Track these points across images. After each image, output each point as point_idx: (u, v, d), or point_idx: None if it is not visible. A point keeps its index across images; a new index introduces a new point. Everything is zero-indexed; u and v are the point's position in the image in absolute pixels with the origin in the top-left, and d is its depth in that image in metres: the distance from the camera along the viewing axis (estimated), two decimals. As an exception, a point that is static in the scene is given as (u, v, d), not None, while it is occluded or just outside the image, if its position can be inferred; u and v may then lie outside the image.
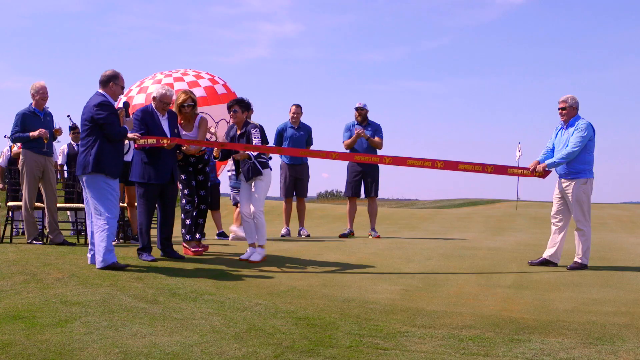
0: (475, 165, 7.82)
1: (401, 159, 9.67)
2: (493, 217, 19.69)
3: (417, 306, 5.45)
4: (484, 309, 5.40)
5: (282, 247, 9.27)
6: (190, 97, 8.12)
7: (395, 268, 7.56)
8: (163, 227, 7.83)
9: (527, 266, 7.85)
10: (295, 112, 11.46)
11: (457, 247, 9.70)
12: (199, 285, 6.11)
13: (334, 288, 6.21)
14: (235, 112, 7.87)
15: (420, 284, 6.52)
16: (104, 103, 6.84)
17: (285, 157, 11.52)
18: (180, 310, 5.05)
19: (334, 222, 17.51)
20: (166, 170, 7.57)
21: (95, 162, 6.75)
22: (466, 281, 6.76)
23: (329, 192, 59.85)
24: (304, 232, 11.54)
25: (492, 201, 33.45)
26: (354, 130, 11.23)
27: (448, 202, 37.24)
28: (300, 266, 7.58)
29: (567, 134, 7.70)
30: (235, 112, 7.87)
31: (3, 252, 7.74)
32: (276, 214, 19.54)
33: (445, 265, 7.81)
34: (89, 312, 4.85)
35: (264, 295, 5.77)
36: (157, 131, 7.54)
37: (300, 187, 11.61)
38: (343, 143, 11.41)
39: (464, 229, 15.58)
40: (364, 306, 5.41)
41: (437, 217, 20.00)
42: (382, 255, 8.58)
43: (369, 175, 11.41)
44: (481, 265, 7.90)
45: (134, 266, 7.04)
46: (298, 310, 5.20)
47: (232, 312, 5.05)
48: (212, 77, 10.88)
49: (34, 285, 5.78)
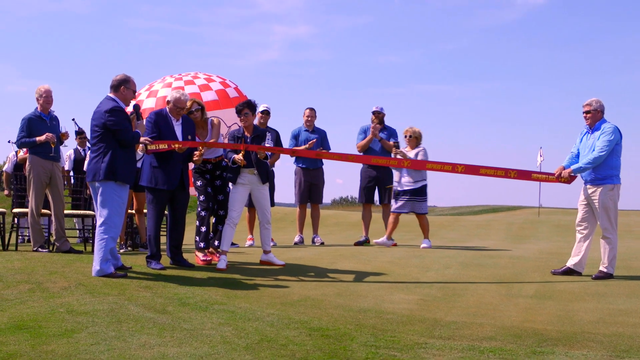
0: (498, 170, 7.79)
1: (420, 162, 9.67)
2: (514, 225, 19.58)
3: (436, 317, 5.43)
4: (505, 319, 5.37)
5: (296, 255, 9.27)
6: (196, 101, 8.17)
7: (413, 277, 7.53)
8: (173, 234, 7.85)
9: (550, 275, 7.80)
10: (309, 116, 11.47)
11: (476, 255, 9.66)
12: (209, 295, 6.12)
13: (349, 298, 6.20)
14: (246, 115, 7.91)
15: (439, 294, 6.49)
16: (115, 109, 6.89)
17: (299, 162, 11.53)
18: (190, 321, 5.05)
19: (348, 230, 17.48)
20: (175, 176, 7.59)
21: (107, 169, 6.81)
22: (486, 291, 6.72)
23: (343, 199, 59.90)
24: (318, 239, 11.54)
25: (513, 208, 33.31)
26: (369, 132, 11.22)
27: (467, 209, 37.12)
28: (314, 275, 7.57)
29: (593, 138, 7.65)
30: (247, 115, 7.91)
31: (8, 259, 7.79)
32: (289, 221, 19.56)
33: (465, 274, 7.78)
34: (96, 322, 4.87)
35: (277, 305, 5.76)
36: (169, 136, 7.56)
37: (315, 192, 11.60)
38: (357, 145, 11.39)
39: (484, 236, 15.50)
40: (380, 316, 5.39)
41: (456, 224, 19.91)
42: (398, 263, 8.56)
43: (382, 181, 11.39)
44: (502, 274, 7.85)
45: (143, 275, 7.07)
46: (312, 320, 5.19)
47: (243, 323, 5.04)
48: (223, 80, 10.91)
49: (39, 294, 5.81)
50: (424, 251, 10.08)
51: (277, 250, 9.20)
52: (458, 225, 19.35)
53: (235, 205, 7.96)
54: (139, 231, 9.87)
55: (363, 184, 11.53)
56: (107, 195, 6.88)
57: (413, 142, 10.84)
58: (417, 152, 10.69)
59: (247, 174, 7.96)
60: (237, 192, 7.99)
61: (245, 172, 7.96)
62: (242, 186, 7.98)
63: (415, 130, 10.88)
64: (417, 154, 10.65)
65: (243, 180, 7.97)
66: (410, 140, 10.85)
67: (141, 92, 10.66)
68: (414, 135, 10.83)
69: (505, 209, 33.36)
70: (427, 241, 10.84)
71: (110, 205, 6.88)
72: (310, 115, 11.48)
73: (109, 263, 6.87)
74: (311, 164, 11.47)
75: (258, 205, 8.16)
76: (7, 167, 12.86)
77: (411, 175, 10.60)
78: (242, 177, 7.97)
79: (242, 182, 7.98)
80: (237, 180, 7.98)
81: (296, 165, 11.63)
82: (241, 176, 7.96)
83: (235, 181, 8.01)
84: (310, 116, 11.47)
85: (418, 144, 10.87)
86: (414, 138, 10.83)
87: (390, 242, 11.10)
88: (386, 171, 11.40)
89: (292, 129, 11.63)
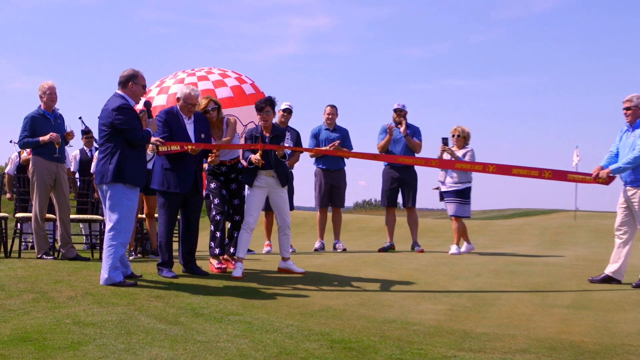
0: (531, 169, 7.75)
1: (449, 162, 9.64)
2: (549, 229, 19.48)
3: (465, 328, 5.41)
4: (539, 331, 5.34)
5: (316, 262, 9.27)
6: (212, 100, 8.18)
7: (441, 286, 7.51)
8: (186, 240, 7.86)
9: (587, 284, 7.75)
10: (330, 113, 11.47)
11: (508, 262, 9.61)
12: (224, 305, 6.13)
13: (373, 308, 6.20)
14: (268, 113, 7.92)
15: (469, 304, 6.47)
16: (123, 106, 6.92)
17: (319, 163, 11.53)
18: (204, 332, 5.06)
19: (372, 235, 17.47)
20: (188, 179, 7.61)
21: (115, 171, 6.84)
22: (519, 300, 6.69)
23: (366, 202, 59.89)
24: (340, 245, 11.53)
25: (547, 211, 33.14)
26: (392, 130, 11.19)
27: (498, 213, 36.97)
28: (336, 284, 7.57)
29: (634, 136, 7.59)
30: (269, 113, 7.92)
31: (11, 267, 7.84)
32: (309, 226, 19.58)
33: (496, 283, 7.74)
34: (104, 334, 4.89)
35: (296, 316, 5.77)
36: (181, 135, 7.57)
37: (336, 195, 11.59)
38: (377, 146, 11.38)
39: (516, 242, 15.43)
40: (406, 328, 5.38)
41: (486, 229, 19.83)
42: (425, 271, 8.53)
43: (406, 183, 11.37)
44: (536, 282, 7.81)
45: (153, 283, 7.10)
46: (333, 332, 5.19)
47: (260, 334, 5.05)
48: (239, 75, 10.93)
49: (44, 305, 5.85)
50: (453, 258, 10.05)
51: (297, 257, 9.20)
52: (488, 230, 19.27)
53: (252, 209, 7.97)
54: (150, 237, 9.90)
55: (385, 186, 11.50)
56: (116, 199, 6.92)
57: (461, 141, 10.81)
58: (465, 152, 10.67)
59: (265, 176, 7.96)
60: (254, 195, 7.99)
61: (262, 174, 7.95)
62: (259, 189, 7.98)
63: (464, 130, 10.85)
64: (465, 155, 10.62)
65: (260, 182, 7.97)
66: (458, 140, 10.81)
67: (152, 88, 10.71)
68: (462, 135, 10.80)
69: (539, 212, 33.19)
70: (456, 247, 10.78)
71: (120, 209, 6.91)
72: (331, 113, 11.48)
73: (118, 271, 6.90)
74: (332, 164, 11.46)
75: (277, 210, 8.16)
76: (9, 169, 12.93)
77: (457, 176, 10.58)
78: (260, 180, 7.96)
79: (260, 184, 7.97)
80: (254, 183, 7.99)
81: (316, 166, 11.62)
82: (258, 178, 7.96)
83: (252, 184, 8.01)
84: (331, 114, 11.47)
85: (466, 144, 10.85)
86: (462, 138, 10.81)
87: (471, 247, 11.03)
88: (410, 172, 11.37)
89: (312, 128, 11.65)
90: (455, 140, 10.83)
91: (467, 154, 10.65)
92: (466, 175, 10.58)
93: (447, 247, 11.12)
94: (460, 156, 10.59)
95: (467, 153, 10.66)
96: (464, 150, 10.72)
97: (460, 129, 10.84)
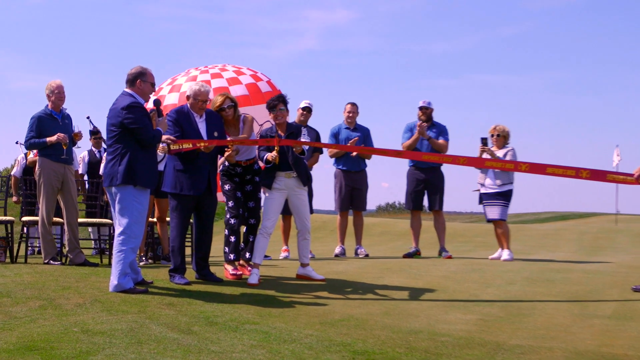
0: (567, 169, 7.69)
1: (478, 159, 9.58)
2: (587, 234, 19.35)
3: (498, 339, 5.38)
4: (578, 343, 5.30)
5: (337, 268, 9.27)
6: (228, 97, 8.20)
7: (471, 294, 7.48)
8: (199, 245, 7.89)
9: (630, 292, 7.67)
10: (350, 112, 11.47)
11: (544, 269, 9.55)
12: (240, 313, 6.14)
13: (398, 317, 6.18)
14: (281, 110, 7.93)
15: (501, 313, 6.43)
16: (133, 105, 6.96)
17: (339, 164, 11.52)
18: (218, 342, 5.07)
19: (396, 240, 17.44)
20: (202, 180, 7.63)
21: (126, 172, 6.87)
22: (556, 310, 6.64)
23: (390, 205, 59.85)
24: (362, 251, 11.52)
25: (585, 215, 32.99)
26: (415, 130, 11.17)
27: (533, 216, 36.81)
28: (358, 291, 7.56)
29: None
30: (282, 110, 7.94)
31: (17, 273, 7.91)
32: (329, 231, 19.60)
33: (531, 291, 7.70)
34: (114, 343, 4.91)
35: (316, 325, 5.76)
36: (193, 134, 7.61)
37: (357, 198, 11.58)
38: (402, 145, 11.34)
39: (553, 247, 15.34)
40: (434, 339, 5.36)
41: (520, 233, 19.70)
42: (454, 278, 8.50)
43: (432, 184, 11.32)
44: (574, 291, 7.76)
45: (165, 290, 7.12)
46: (355, 342, 5.17)
47: (278, 345, 5.05)
48: (254, 73, 10.97)
49: (51, 312, 5.89)
50: (484, 264, 10.00)
51: (316, 263, 9.20)
52: (522, 235, 19.15)
53: (270, 213, 7.97)
54: (161, 242, 9.93)
55: (410, 188, 11.45)
56: (126, 202, 6.95)
57: (500, 141, 10.83)
58: (506, 152, 10.67)
59: (284, 177, 7.97)
60: (273, 198, 7.99)
61: (282, 176, 7.95)
62: (278, 192, 7.98)
63: (504, 129, 10.86)
64: (506, 155, 10.61)
65: (279, 185, 7.97)
66: (498, 140, 10.82)
67: (163, 86, 10.77)
68: (502, 134, 10.83)
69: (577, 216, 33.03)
70: (509, 252, 10.73)
71: (130, 213, 6.94)
72: (352, 111, 11.47)
73: (128, 277, 6.93)
74: (353, 166, 11.45)
75: (296, 213, 8.16)
76: (16, 171, 13.06)
77: (498, 177, 10.55)
78: (279, 182, 7.96)
79: (279, 187, 7.98)
80: (272, 185, 7.98)
81: (336, 167, 11.62)
82: (277, 180, 7.96)
83: (271, 186, 8.00)
84: (351, 112, 11.47)
85: (506, 143, 10.87)
86: (502, 137, 10.83)
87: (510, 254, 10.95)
88: (437, 173, 11.32)
89: (332, 127, 11.65)
90: (494, 140, 10.85)
91: (507, 153, 10.65)
92: (508, 175, 10.57)
93: (478, 252, 11.07)
94: (501, 156, 10.58)
95: (507, 153, 10.66)
96: (504, 150, 10.72)
97: (500, 128, 10.84)
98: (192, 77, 10.64)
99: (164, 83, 10.96)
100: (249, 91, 10.50)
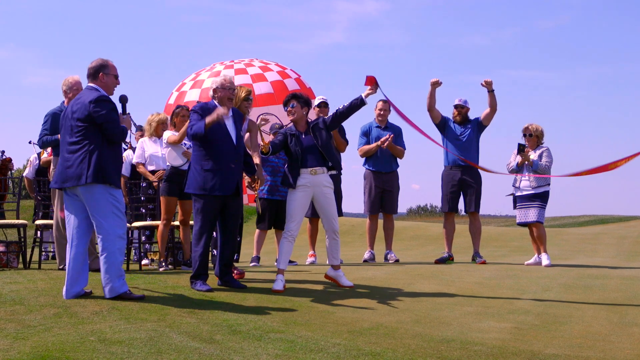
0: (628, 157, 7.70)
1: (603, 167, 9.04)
2: (627, 238, 19.20)
3: (533, 349, 5.35)
4: (617, 352, 5.26)
5: (366, 274, 9.25)
6: (248, 90, 8.31)
7: (505, 301, 7.44)
8: (224, 250, 7.85)
9: (673, 300, 7.60)
10: (382, 109, 11.43)
11: (582, 275, 9.48)
12: (264, 321, 6.14)
13: (429, 325, 6.16)
14: (293, 106, 7.88)
15: (537, 322, 6.40)
16: (102, 98, 6.83)
17: (368, 164, 11.48)
18: (241, 351, 5.07)
19: (428, 245, 17.38)
20: (232, 179, 7.59)
21: (96, 171, 6.68)
22: (594, 318, 6.60)
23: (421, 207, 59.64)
24: (392, 256, 11.48)
25: (625, 218, 32.64)
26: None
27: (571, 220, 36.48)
28: (388, 298, 7.53)
29: None
30: (294, 106, 7.88)
31: (30, 279, 7.96)
32: (358, 234, 19.59)
33: (568, 298, 7.65)
34: (133, 353, 4.92)
35: (343, 334, 5.75)
36: (220, 133, 7.56)
37: (388, 201, 11.53)
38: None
39: (591, 252, 15.23)
40: (467, 348, 5.33)
41: (557, 237, 19.59)
42: (488, 285, 8.46)
43: (469, 185, 11.23)
44: (613, 298, 7.69)
45: (186, 297, 7.13)
46: (385, 352, 5.16)
47: (304, 354, 5.04)
48: (282, 69, 10.93)
49: (67, 320, 5.91)
50: (519, 270, 9.94)
51: (344, 269, 9.16)
52: (559, 240, 19.04)
53: (293, 213, 7.86)
54: (183, 246, 9.84)
55: (446, 189, 11.36)
56: (101, 202, 6.76)
57: (534, 140, 10.82)
58: (541, 152, 10.64)
59: (309, 174, 7.87)
60: (296, 198, 7.86)
61: (305, 173, 7.85)
62: (302, 190, 7.87)
63: (537, 128, 10.83)
64: (541, 155, 10.56)
65: (303, 182, 7.88)
66: (531, 139, 10.79)
67: (186, 82, 10.81)
68: (535, 134, 10.79)
69: (616, 219, 32.68)
70: (547, 256, 10.66)
71: (108, 212, 6.77)
72: (383, 109, 11.43)
73: (123, 280, 6.83)
74: (383, 166, 11.41)
75: (323, 213, 8.07)
76: (28, 172, 12.85)
77: (534, 179, 10.50)
78: (302, 179, 7.85)
79: (302, 184, 7.88)
80: (296, 183, 7.86)
81: (365, 168, 11.58)
82: (300, 178, 7.85)
83: (294, 185, 7.88)
84: (383, 110, 11.43)
85: (540, 143, 10.84)
86: (535, 137, 10.78)
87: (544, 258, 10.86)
88: (474, 173, 11.21)
89: (362, 125, 11.62)
90: (527, 140, 10.78)
91: (543, 153, 10.58)
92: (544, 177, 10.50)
93: (513, 257, 10.99)
94: (536, 157, 10.53)
95: (543, 152, 10.60)
96: (539, 151, 10.67)
97: (534, 127, 10.78)
98: (215, 72, 10.69)
99: (187, 78, 10.99)
100: (274, 89, 10.50)
